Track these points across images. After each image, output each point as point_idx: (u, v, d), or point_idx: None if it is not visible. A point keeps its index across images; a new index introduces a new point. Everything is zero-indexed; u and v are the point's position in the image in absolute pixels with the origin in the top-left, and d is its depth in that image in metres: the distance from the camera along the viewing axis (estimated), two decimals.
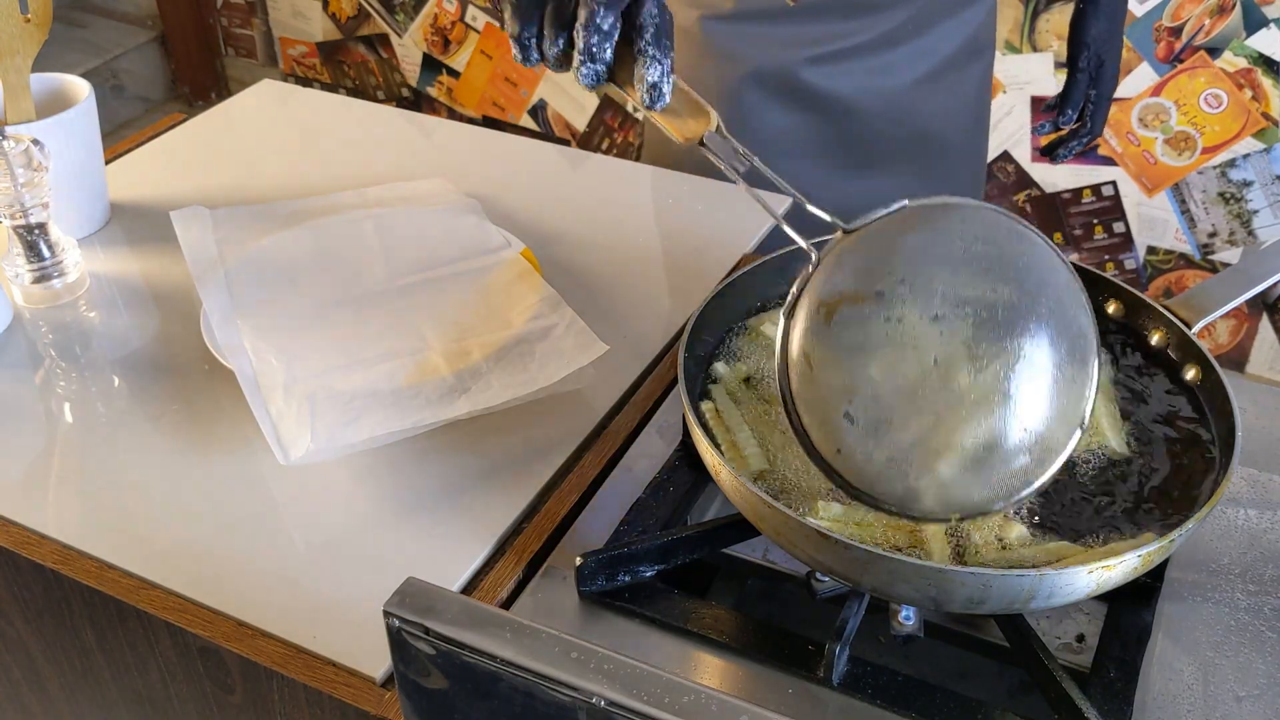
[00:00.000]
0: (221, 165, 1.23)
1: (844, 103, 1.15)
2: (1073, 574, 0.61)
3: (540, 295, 0.95)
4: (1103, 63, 1.08)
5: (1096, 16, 1.08)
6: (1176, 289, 2.31)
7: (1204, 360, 0.75)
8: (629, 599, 0.73)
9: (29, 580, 0.80)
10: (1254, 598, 0.74)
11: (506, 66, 2.77)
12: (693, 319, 0.78)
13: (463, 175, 1.17)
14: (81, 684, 0.87)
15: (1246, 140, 2.13)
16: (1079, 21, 1.09)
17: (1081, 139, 1.10)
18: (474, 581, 0.76)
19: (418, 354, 0.90)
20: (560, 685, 0.54)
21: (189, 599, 0.75)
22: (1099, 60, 1.08)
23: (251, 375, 0.86)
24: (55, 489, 0.83)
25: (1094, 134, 1.10)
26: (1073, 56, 1.09)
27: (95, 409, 0.90)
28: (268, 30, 3.10)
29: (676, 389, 0.85)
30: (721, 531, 0.75)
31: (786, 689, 0.68)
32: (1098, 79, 1.09)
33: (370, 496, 0.82)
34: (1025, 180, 2.33)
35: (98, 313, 1.01)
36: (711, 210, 1.15)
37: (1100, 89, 1.09)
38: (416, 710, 0.62)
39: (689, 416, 0.71)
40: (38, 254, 1.00)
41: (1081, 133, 1.10)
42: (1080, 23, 1.09)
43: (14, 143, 0.95)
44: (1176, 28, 2.12)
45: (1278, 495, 0.81)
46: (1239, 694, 0.68)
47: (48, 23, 1.04)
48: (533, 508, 0.81)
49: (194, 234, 1.01)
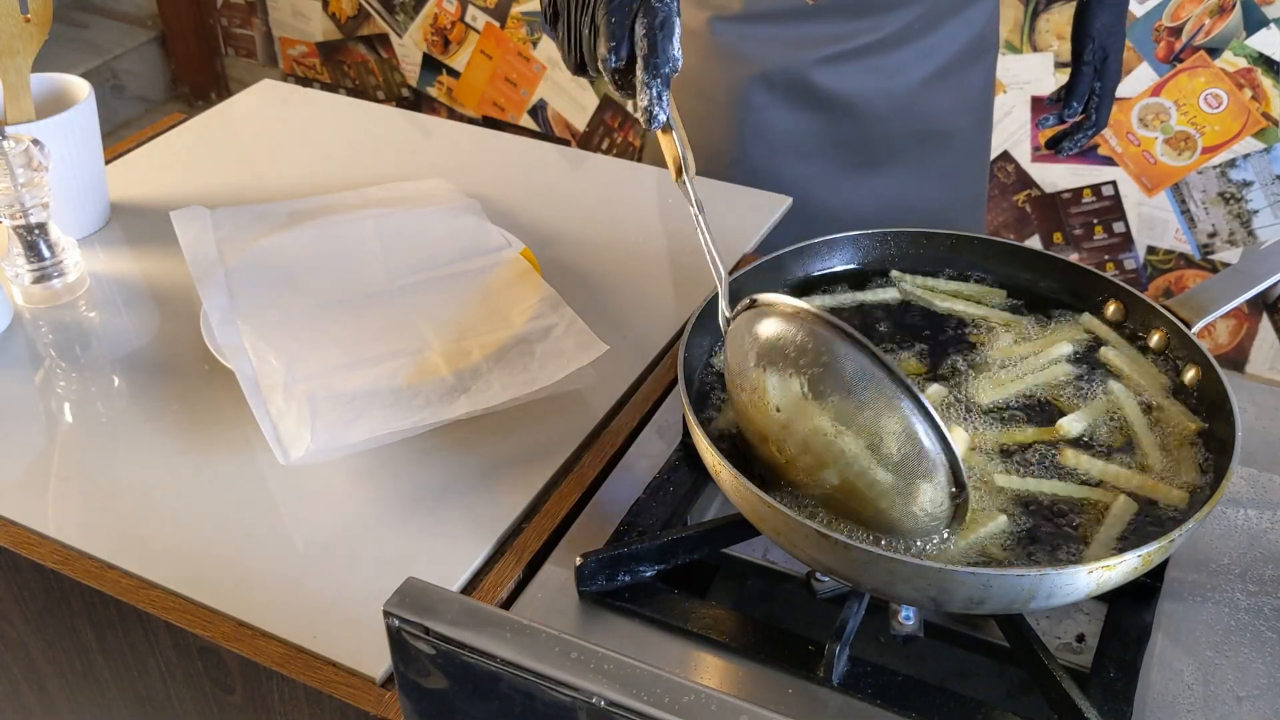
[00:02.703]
0: (221, 165, 1.23)
1: (851, 102, 1.15)
2: (1073, 574, 0.61)
3: (540, 295, 0.95)
4: (1107, 55, 1.09)
5: (1101, 10, 1.09)
6: (1176, 289, 2.31)
7: (1204, 360, 0.75)
8: (629, 599, 0.73)
9: (29, 580, 0.80)
10: (1254, 598, 0.74)
11: (506, 66, 2.77)
12: (693, 319, 0.78)
13: (463, 175, 1.17)
14: (81, 684, 0.87)
15: (1246, 140, 2.13)
16: (1083, 15, 1.10)
17: (1087, 132, 1.11)
18: (474, 581, 0.76)
19: (418, 354, 0.90)
20: (560, 685, 0.54)
21: (189, 599, 0.75)
22: (1103, 53, 1.09)
23: (251, 375, 0.86)
24: (55, 489, 0.83)
25: (1099, 126, 1.11)
26: (1077, 50, 1.10)
27: (95, 409, 0.90)
28: (268, 30, 3.10)
29: (676, 389, 0.85)
30: (721, 531, 0.75)
31: (786, 689, 0.68)
32: (1102, 72, 1.09)
33: (370, 496, 0.82)
34: (1025, 180, 2.33)
35: (97, 313, 1.01)
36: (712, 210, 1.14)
37: (1105, 82, 1.10)
38: (416, 710, 0.62)
39: (689, 416, 0.71)
40: (38, 254, 1.00)
41: (1086, 125, 1.11)
42: (1084, 16, 1.10)
43: (14, 143, 0.95)
44: (1176, 28, 2.12)
45: (1278, 495, 0.81)
46: (1239, 694, 0.68)
47: (48, 23, 1.04)
48: (533, 508, 0.81)
49: (194, 234, 1.01)
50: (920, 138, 1.20)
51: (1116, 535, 0.67)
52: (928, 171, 1.22)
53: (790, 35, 1.13)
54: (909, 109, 1.17)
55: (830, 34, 1.12)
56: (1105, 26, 1.09)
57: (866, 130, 1.18)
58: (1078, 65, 1.10)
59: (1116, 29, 1.10)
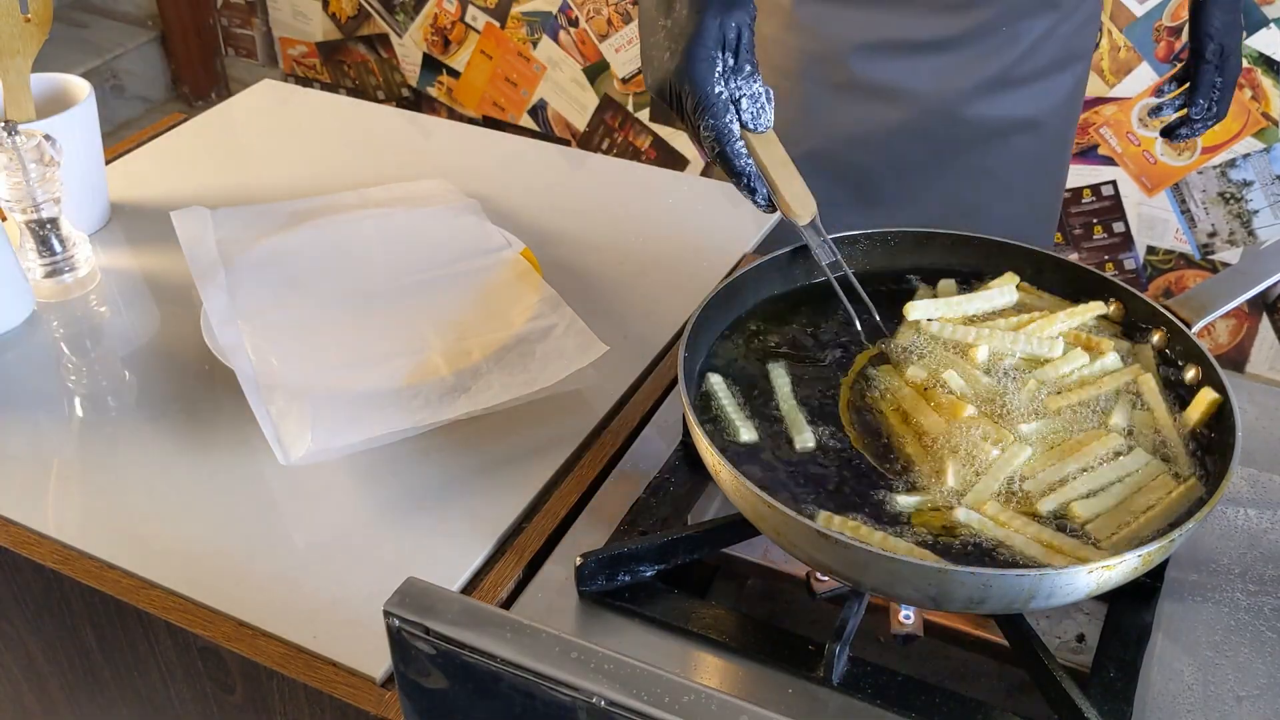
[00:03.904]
0: (221, 165, 1.23)
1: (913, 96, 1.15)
2: (1073, 574, 0.61)
3: (540, 295, 0.95)
4: (1225, 51, 1.11)
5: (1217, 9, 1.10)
6: (1176, 289, 2.31)
7: (1204, 360, 0.75)
8: (629, 599, 0.73)
9: (29, 580, 0.80)
10: (1254, 598, 0.74)
11: (506, 66, 2.77)
12: (693, 319, 0.77)
13: (463, 175, 1.17)
14: (81, 684, 0.87)
15: (1246, 140, 2.13)
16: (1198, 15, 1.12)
17: (1207, 122, 1.13)
18: (474, 581, 0.76)
19: (418, 354, 0.90)
20: (560, 685, 0.54)
21: (189, 599, 0.75)
22: (1221, 49, 1.10)
23: (251, 375, 0.86)
24: (55, 489, 0.83)
25: (1220, 117, 1.13)
26: (1197, 49, 1.12)
27: (95, 408, 0.90)
28: (268, 30, 3.10)
29: (676, 389, 0.85)
30: (721, 531, 0.75)
31: (786, 689, 0.68)
32: (1223, 67, 1.11)
33: (370, 496, 0.82)
34: None
35: (104, 309, 1.01)
36: (711, 210, 1.15)
37: (1225, 76, 1.12)
38: (416, 710, 0.62)
39: (689, 416, 0.71)
40: (49, 249, 1.00)
41: (1207, 117, 1.12)
42: (1200, 16, 1.12)
43: (26, 138, 0.95)
44: (1176, 27, 2.12)
45: (1278, 495, 0.81)
46: (1239, 694, 0.68)
47: (48, 23, 1.04)
48: (533, 508, 0.81)
49: (194, 234, 1.01)
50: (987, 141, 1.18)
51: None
52: (994, 177, 1.21)
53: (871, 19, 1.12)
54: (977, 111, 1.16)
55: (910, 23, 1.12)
56: (1224, 24, 1.10)
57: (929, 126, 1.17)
58: (1199, 63, 1.11)
59: (1234, 25, 1.12)
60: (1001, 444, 0.71)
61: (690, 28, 0.77)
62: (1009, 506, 0.68)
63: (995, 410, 0.74)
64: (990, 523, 0.67)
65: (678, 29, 0.78)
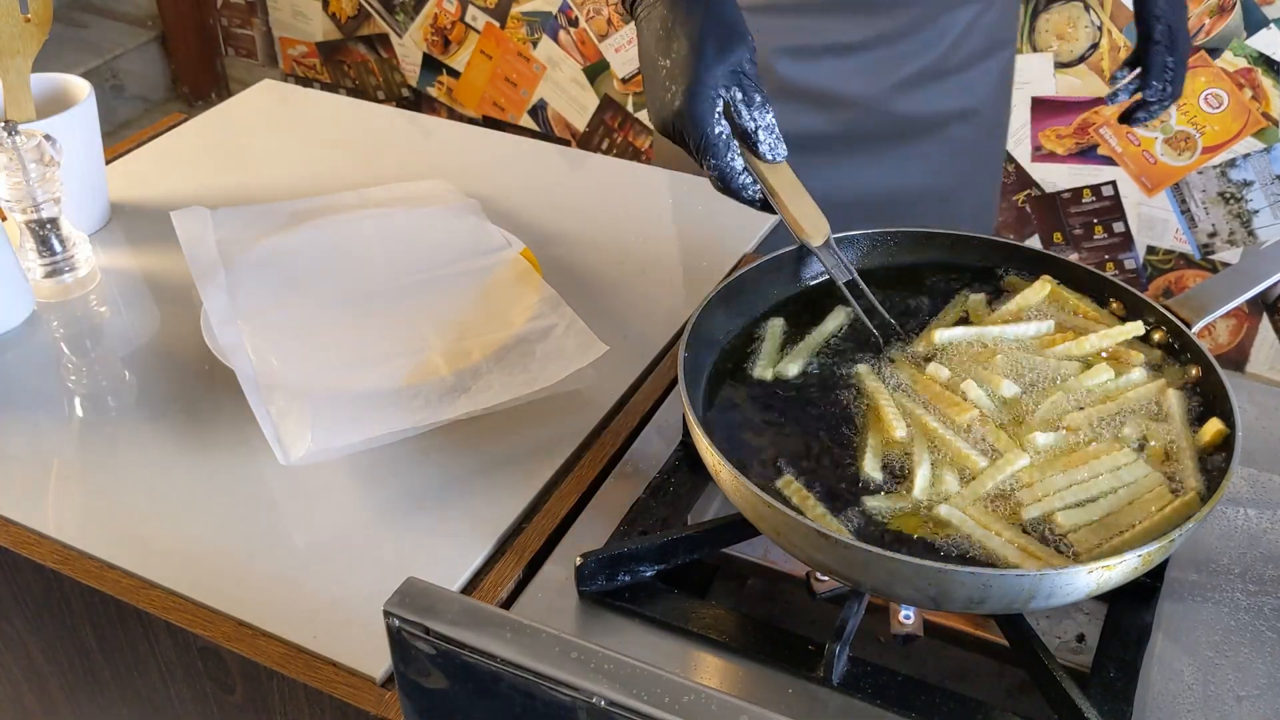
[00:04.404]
0: (221, 165, 1.23)
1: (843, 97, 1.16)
2: (1073, 574, 0.61)
3: (540, 295, 0.95)
4: (1173, 30, 1.11)
5: None
6: (1176, 289, 2.31)
7: (1204, 360, 0.75)
8: (629, 599, 0.73)
9: (29, 580, 0.80)
10: (1254, 598, 0.74)
11: (506, 66, 2.77)
12: (693, 319, 0.77)
13: (463, 175, 1.17)
14: (81, 684, 0.87)
15: (1246, 140, 2.13)
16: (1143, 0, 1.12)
17: (1164, 102, 1.13)
18: (474, 581, 0.76)
19: (418, 354, 0.90)
20: (560, 685, 0.54)
21: (189, 599, 0.75)
22: (1170, 29, 1.11)
23: (251, 375, 0.86)
24: (55, 489, 0.83)
25: (1175, 96, 1.13)
26: (1145, 31, 1.12)
27: (95, 408, 0.90)
28: (268, 30, 3.10)
29: (676, 389, 0.85)
30: (721, 531, 0.75)
31: (786, 689, 0.68)
32: (1172, 46, 1.11)
33: (370, 496, 0.82)
34: (1025, 180, 2.33)
35: (104, 309, 1.01)
36: (711, 210, 1.15)
37: (1177, 55, 1.12)
38: (416, 710, 0.62)
39: (689, 416, 0.71)
40: (49, 248, 1.00)
41: (1164, 97, 1.12)
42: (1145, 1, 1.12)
43: (26, 138, 0.95)
44: None
45: (1278, 495, 0.81)
46: (1239, 694, 0.68)
47: (48, 23, 1.04)
48: (533, 508, 0.81)
49: (194, 234, 1.01)
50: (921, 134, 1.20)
51: None
52: (932, 168, 1.22)
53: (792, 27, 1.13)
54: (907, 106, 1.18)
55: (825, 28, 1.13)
56: (1169, 4, 1.11)
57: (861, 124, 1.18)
58: (1148, 45, 1.12)
59: (1178, 3, 1.12)
60: (1000, 449, 0.70)
61: (690, 68, 0.76)
62: (996, 512, 0.68)
63: (1014, 417, 0.74)
64: (970, 520, 0.67)
65: (677, 69, 0.77)
